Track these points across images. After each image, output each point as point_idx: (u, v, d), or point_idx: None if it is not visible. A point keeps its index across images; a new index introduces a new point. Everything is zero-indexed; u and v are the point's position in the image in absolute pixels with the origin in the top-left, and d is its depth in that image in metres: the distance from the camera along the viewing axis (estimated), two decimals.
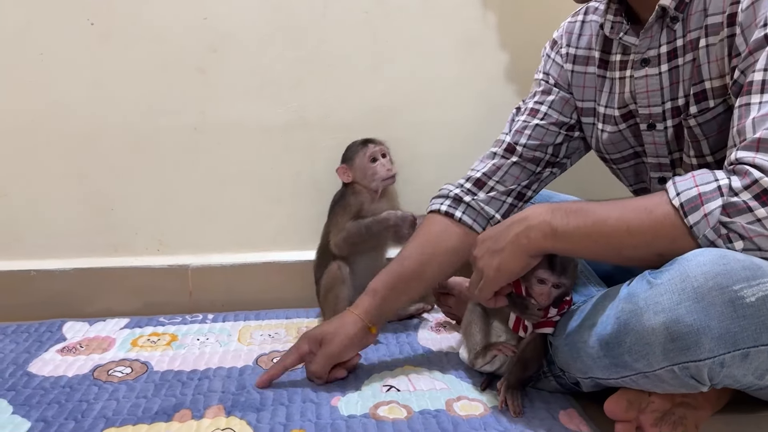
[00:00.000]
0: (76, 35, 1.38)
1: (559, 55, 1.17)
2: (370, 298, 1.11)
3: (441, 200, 1.19)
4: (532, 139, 1.17)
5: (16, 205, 1.45)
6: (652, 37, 0.99)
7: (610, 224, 0.84)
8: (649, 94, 1.01)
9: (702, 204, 0.79)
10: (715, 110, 0.94)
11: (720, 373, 0.78)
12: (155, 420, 0.97)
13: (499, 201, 1.17)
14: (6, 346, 1.26)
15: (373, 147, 1.34)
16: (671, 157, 1.05)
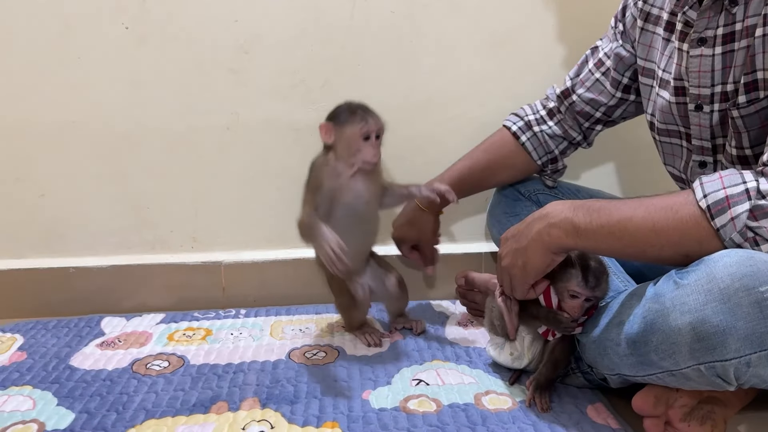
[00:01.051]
0: (112, 39, 1.42)
1: (636, 7, 1.16)
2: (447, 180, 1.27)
3: (515, 119, 1.33)
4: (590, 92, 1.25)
5: (56, 204, 1.49)
6: (710, 18, 0.97)
7: (635, 223, 0.85)
8: (700, 74, 1.00)
9: (729, 207, 0.80)
10: (761, 103, 0.93)
11: (747, 373, 0.78)
12: (193, 412, 1.01)
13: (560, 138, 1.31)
14: (48, 340, 1.30)
15: (373, 124, 1.14)
16: (714, 142, 1.03)
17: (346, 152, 1.14)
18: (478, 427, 0.94)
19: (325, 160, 1.16)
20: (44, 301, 1.48)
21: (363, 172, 1.15)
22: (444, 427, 0.94)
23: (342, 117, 1.14)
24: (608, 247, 0.89)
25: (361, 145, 1.13)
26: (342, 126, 1.14)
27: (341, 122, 1.14)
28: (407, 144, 1.52)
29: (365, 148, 1.14)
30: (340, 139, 1.14)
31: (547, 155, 1.32)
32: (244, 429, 0.95)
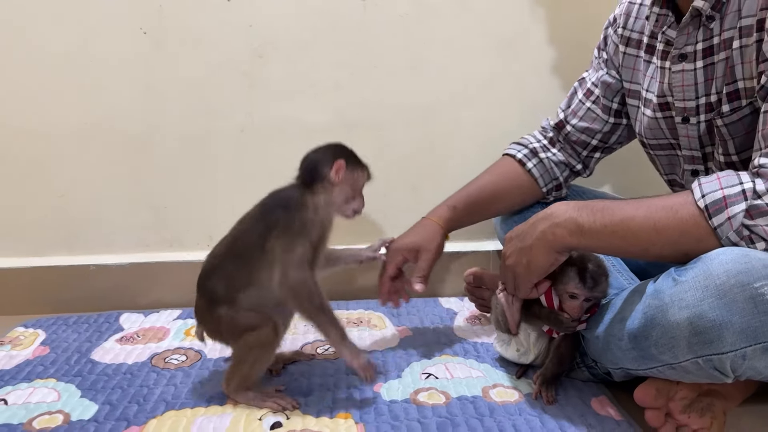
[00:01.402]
0: (130, 43, 1.46)
1: (616, 35, 1.20)
2: (449, 212, 1.23)
3: (519, 148, 1.32)
4: (583, 121, 1.27)
5: (77, 204, 1.53)
6: (689, 34, 1.01)
7: (637, 222, 0.88)
8: (684, 88, 1.04)
9: (726, 207, 0.83)
10: (743, 111, 0.96)
11: (742, 366, 0.81)
12: (211, 403, 1.05)
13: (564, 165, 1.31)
14: (69, 335, 1.35)
15: (369, 175, 1.11)
16: (703, 150, 1.07)
17: (343, 197, 1.07)
18: (486, 418, 0.98)
19: (320, 202, 1.04)
20: (65, 298, 1.52)
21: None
22: (453, 418, 0.98)
23: (352, 159, 1.07)
24: (611, 246, 0.91)
25: (360, 195, 1.10)
26: (353, 169, 1.07)
27: (352, 165, 1.07)
28: (416, 144, 1.56)
29: (360, 198, 1.10)
30: (346, 182, 1.06)
31: (552, 182, 1.32)
32: (260, 419, 0.99)
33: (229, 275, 1.02)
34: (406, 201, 1.57)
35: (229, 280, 1.02)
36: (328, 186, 1.05)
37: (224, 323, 1.03)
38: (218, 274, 1.04)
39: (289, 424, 0.98)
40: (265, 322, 1.01)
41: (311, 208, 1.03)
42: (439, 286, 1.58)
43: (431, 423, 0.97)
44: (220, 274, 1.03)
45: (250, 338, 1.01)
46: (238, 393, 1.03)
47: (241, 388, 1.03)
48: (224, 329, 1.04)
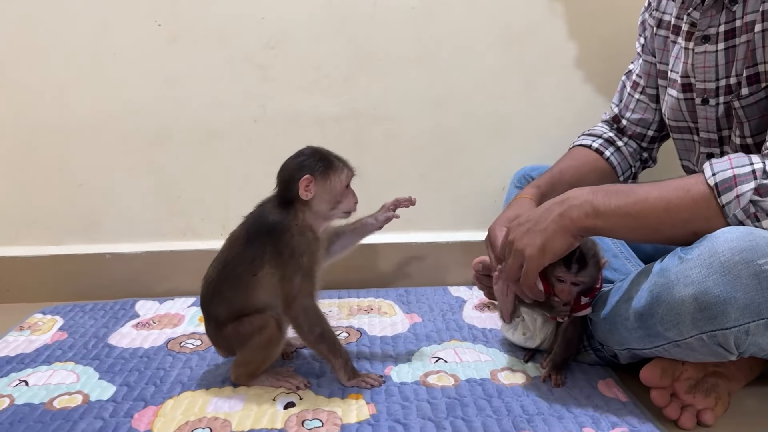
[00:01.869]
0: (145, 36, 1.49)
1: (652, 18, 1.22)
2: (536, 189, 1.20)
3: (593, 138, 1.31)
4: (636, 113, 1.28)
5: (94, 194, 1.56)
6: (712, 16, 1.03)
7: (650, 202, 0.89)
8: (705, 69, 1.05)
9: (736, 185, 0.85)
10: (759, 94, 0.98)
11: (746, 341, 0.83)
12: (226, 384, 1.07)
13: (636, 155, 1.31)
14: (86, 321, 1.38)
15: (351, 172, 1.07)
16: (720, 134, 1.09)
17: (327, 205, 1.04)
18: (494, 399, 1.00)
19: (303, 221, 1.03)
20: (82, 286, 1.55)
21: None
22: (462, 399, 1.00)
23: (321, 168, 1.03)
24: (625, 227, 0.92)
25: (346, 194, 1.06)
26: (325, 177, 1.03)
27: (322, 173, 1.03)
28: (427, 136, 1.58)
29: (348, 197, 1.06)
30: (321, 192, 1.03)
31: (629, 169, 1.31)
32: (274, 400, 1.02)
33: (227, 299, 1.05)
34: (414, 190, 1.58)
35: (229, 303, 1.05)
36: (305, 203, 1.03)
37: (232, 338, 1.06)
38: (217, 298, 1.07)
39: (301, 404, 1.00)
40: (267, 321, 1.03)
41: (296, 231, 1.02)
42: (448, 275, 1.60)
43: (440, 404, 0.99)
44: (219, 298, 1.06)
45: (255, 341, 1.03)
46: (249, 381, 1.07)
47: (251, 377, 1.07)
48: (234, 344, 1.07)
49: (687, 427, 0.93)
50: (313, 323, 1.03)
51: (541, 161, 1.48)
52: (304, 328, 1.03)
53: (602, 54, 1.51)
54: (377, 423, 0.94)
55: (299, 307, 1.02)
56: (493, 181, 1.58)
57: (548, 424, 0.92)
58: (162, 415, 0.98)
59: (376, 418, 0.95)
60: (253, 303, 1.04)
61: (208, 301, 1.08)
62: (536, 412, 0.96)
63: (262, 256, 1.02)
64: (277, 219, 1.03)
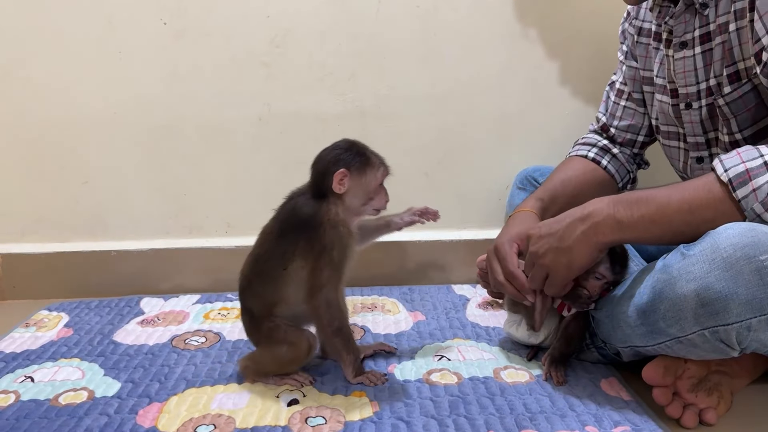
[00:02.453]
0: (151, 34, 1.49)
1: (632, 26, 1.23)
2: (537, 203, 1.21)
3: (588, 148, 1.31)
4: (624, 120, 1.28)
5: (99, 191, 1.57)
6: (687, 22, 1.04)
7: (673, 207, 0.89)
8: (685, 74, 1.07)
9: (750, 179, 0.85)
10: (743, 88, 0.99)
11: (747, 337, 0.83)
12: (230, 382, 1.08)
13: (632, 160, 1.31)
14: (91, 318, 1.39)
15: (386, 170, 1.06)
16: (706, 136, 1.10)
17: (359, 201, 1.04)
18: (497, 397, 1.00)
19: (336, 215, 1.02)
20: (87, 283, 1.56)
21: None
22: (465, 397, 1.00)
23: (357, 163, 1.02)
24: (651, 234, 0.92)
25: (379, 192, 1.05)
26: (360, 173, 1.02)
27: (358, 169, 1.02)
28: (431, 133, 1.58)
29: (380, 195, 1.06)
30: (355, 187, 1.02)
31: (628, 175, 1.31)
32: (278, 397, 1.02)
33: (259, 293, 1.06)
34: (418, 188, 1.59)
35: (260, 297, 1.06)
36: (338, 196, 1.02)
37: (264, 336, 1.07)
38: (250, 292, 1.08)
39: (305, 401, 1.01)
40: (301, 340, 1.04)
41: (329, 225, 1.01)
42: (451, 274, 1.61)
43: (443, 401, 0.99)
44: (251, 292, 1.07)
45: (282, 351, 1.04)
46: (255, 377, 1.08)
47: (258, 375, 1.08)
48: (262, 341, 1.08)
49: (689, 426, 0.93)
50: (334, 317, 1.03)
51: (545, 161, 1.48)
52: (324, 320, 1.03)
53: (606, 52, 1.50)
54: (380, 420, 0.94)
55: (323, 299, 1.01)
56: (497, 180, 1.58)
57: (551, 422, 0.93)
58: (166, 412, 0.98)
59: (379, 416, 0.96)
60: (283, 297, 1.04)
61: (242, 292, 1.09)
62: (539, 410, 0.96)
63: (293, 250, 1.02)
64: (310, 212, 1.02)
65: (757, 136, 1.01)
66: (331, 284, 1.02)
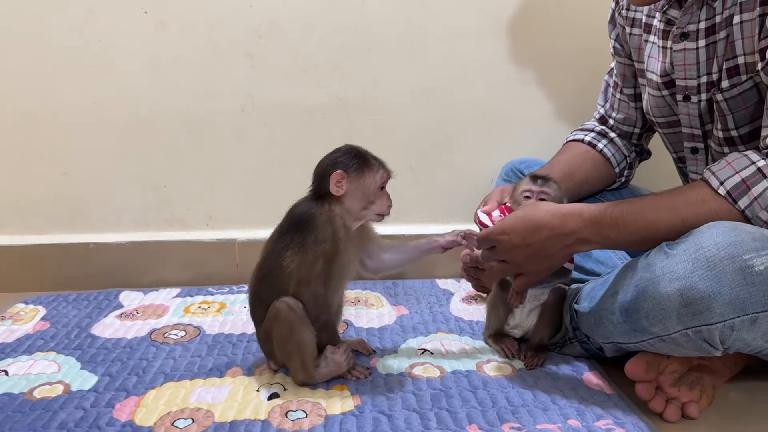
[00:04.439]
0: (132, 24, 1.47)
1: (621, 17, 1.22)
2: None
3: (585, 132, 1.31)
4: (620, 113, 1.28)
5: (78, 182, 1.54)
6: (693, 13, 1.03)
7: (663, 223, 0.90)
8: (686, 67, 1.05)
9: (749, 188, 0.86)
10: (743, 86, 0.98)
11: (731, 337, 0.83)
12: (210, 375, 1.06)
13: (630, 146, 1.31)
14: (69, 312, 1.37)
15: (388, 171, 1.04)
16: (704, 128, 1.09)
17: (359, 204, 1.02)
18: (479, 391, 0.99)
19: (332, 214, 1.01)
20: (65, 276, 1.54)
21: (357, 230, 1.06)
22: (447, 391, 1.00)
23: (355, 165, 1.01)
24: (638, 247, 0.94)
25: (377, 195, 1.03)
26: (358, 175, 1.01)
27: (356, 171, 1.01)
28: (416, 127, 1.57)
29: (381, 199, 1.03)
30: (353, 190, 1.01)
31: (624, 160, 1.30)
32: (258, 390, 1.01)
33: (264, 300, 1.03)
34: (404, 181, 1.57)
35: (266, 304, 1.03)
36: (338, 199, 1.01)
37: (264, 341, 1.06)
38: (256, 302, 1.06)
39: (286, 395, 0.99)
40: (277, 307, 1.00)
41: (323, 219, 1.00)
42: (436, 268, 1.60)
43: (425, 395, 0.98)
44: (258, 302, 1.05)
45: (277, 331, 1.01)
46: (309, 377, 1.02)
47: (310, 376, 1.02)
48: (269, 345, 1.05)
49: (672, 420, 0.92)
50: (320, 311, 1.01)
51: (531, 154, 1.48)
52: (312, 314, 1.01)
53: (593, 46, 1.50)
54: (362, 414, 0.93)
55: (309, 293, 1.00)
56: (482, 173, 1.57)
57: (533, 415, 0.92)
58: (144, 406, 0.97)
59: (361, 410, 0.95)
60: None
61: (251, 307, 1.08)
62: (521, 403, 0.96)
63: (288, 246, 1.01)
64: (307, 210, 1.01)
65: (753, 134, 1.00)
66: (320, 280, 1.00)
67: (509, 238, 0.97)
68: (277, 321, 1.00)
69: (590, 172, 1.27)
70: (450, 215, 1.60)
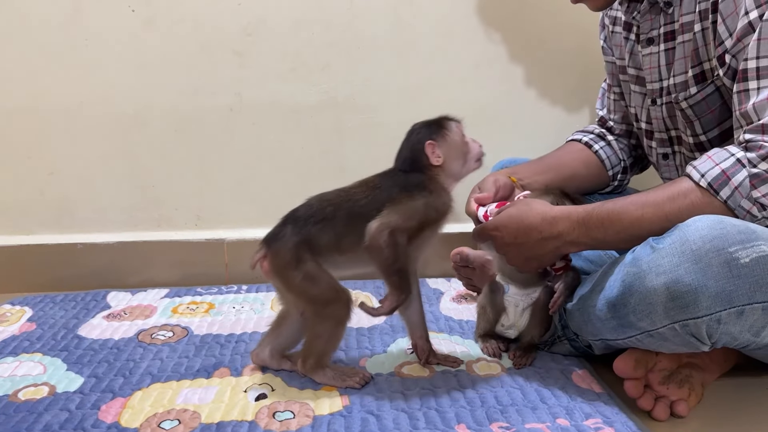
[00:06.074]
0: (119, 21, 1.46)
1: (607, 17, 1.23)
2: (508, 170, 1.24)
3: (584, 133, 1.32)
4: (617, 113, 1.29)
5: (65, 182, 1.53)
6: (653, 20, 1.06)
7: (647, 219, 0.91)
8: (651, 70, 1.08)
9: (729, 179, 0.86)
10: (706, 90, 1.00)
11: (718, 330, 0.83)
12: (197, 376, 1.05)
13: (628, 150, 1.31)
14: (56, 312, 1.35)
15: (458, 121, 1.07)
16: (669, 133, 1.11)
17: (457, 163, 1.03)
18: (468, 390, 0.99)
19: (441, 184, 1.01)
20: (52, 276, 1.53)
21: None
22: (435, 390, 0.99)
23: (436, 130, 1.03)
24: (625, 245, 0.95)
25: (469, 144, 1.05)
26: (445, 137, 1.03)
27: (442, 134, 1.03)
28: (405, 126, 1.53)
29: (472, 145, 1.06)
30: (450, 151, 1.02)
31: (620, 164, 1.30)
32: (246, 391, 1.00)
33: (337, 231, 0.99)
34: None
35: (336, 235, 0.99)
36: (438, 169, 1.01)
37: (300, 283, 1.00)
38: (324, 224, 1.00)
39: (273, 395, 0.98)
40: (339, 296, 0.99)
41: (437, 189, 1.00)
42: (426, 267, 1.59)
43: (414, 395, 0.98)
44: (327, 225, 1.00)
45: (326, 311, 0.99)
46: (316, 372, 1.01)
47: (319, 366, 1.01)
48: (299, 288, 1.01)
49: (661, 418, 0.92)
50: (399, 257, 0.96)
51: (521, 154, 1.47)
52: (387, 254, 0.95)
53: (582, 46, 1.50)
54: (350, 414, 0.93)
55: (394, 238, 0.95)
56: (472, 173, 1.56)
57: (522, 414, 0.92)
58: (130, 407, 0.96)
59: (349, 410, 0.94)
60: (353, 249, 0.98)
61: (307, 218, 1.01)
62: (510, 402, 0.95)
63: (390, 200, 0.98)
64: (420, 179, 1.00)
65: (722, 137, 1.02)
66: (405, 233, 0.96)
67: (501, 235, 1.00)
68: (338, 303, 0.98)
69: (579, 169, 1.27)
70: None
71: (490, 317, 1.13)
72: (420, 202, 0.98)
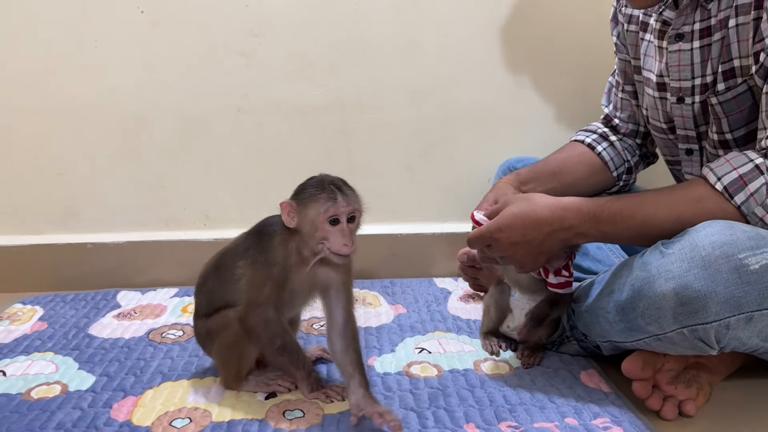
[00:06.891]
0: (127, 23, 1.46)
1: (621, 14, 1.21)
2: (515, 176, 1.23)
3: (587, 134, 1.30)
4: (624, 111, 1.27)
5: (74, 182, 1.54)
6: (688, 15, 1.02)
7: (660, 218, 0.90)
8: (680, 68, 1.05)
9: (746, 184, 0.86)
10: (737, 89, 0.98)
11: (726, 336, 0.83)
12: (207, 375, 1.06)
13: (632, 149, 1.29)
14: (66, 312, 1.36)
15: (343, 204, 0.90)
16: (698, 130, 1.09)
17: (308, 238, 0.92)
18: (477, 389, 1.00)
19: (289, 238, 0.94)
20: (62, 276, 1.53)
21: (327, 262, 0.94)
22: (444, 390, 1.00)
23: (306, 194, 0.92)
24: (636, 242, 0.96)
25: (327, 231, 0.90)
26: (305, 206, 0.91)
27: (304, 201, 0.91)
28: (412, 126, 1.57)
29: (333, 236, 0.90)
30: (303, 223, 0.91)
31: (624, 165, 1.28)
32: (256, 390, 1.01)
33: (209, 290, 1.03)
34: (400, 180, 1.58)
35: (209, 295, 1.03)
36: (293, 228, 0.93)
37: (204, 336, 1.04)
38: (202, 289, 1.05)
39: (283, 394, 0.99)
40: (230, 321, 0.97)
41: (276, 244, 0.94)
42: (433, 266, 1.60)
43: (423, 394, 0.99)
44: (204, 288, 1.04)
45: (222, 339, 0.99)
46: (237, 384, 1.01)
47: (238, 380, 1.01)
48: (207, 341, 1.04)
49: (669, 418, 0.93)
50: (275, 334, 0.95)
51: (527, 153, 1.48)
52: (263, 338, 0.95)
53: (589, 45, 1.50)
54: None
55: (259, 317, 0.94)
56: (478, 172, 1.57)
57: (530, 414, 0.92)
58: (141, 406, 0.97)
59: None
60: (228, 300, 0.99)
61: (197, 288, 1.06)
62: (518, 402, 0.96)
63: (245, 254, 0.97)
64: (271, 224, 0.97)
65: (748, 137, 1.00)
66: (271, 301, 0.94)
67: (507, 235, 0.95)
68: (226, 330, 0.98)
69: (583, 175, 1.26)
70: (447, 214, 1.60)
71: (495, 317, 1.14)
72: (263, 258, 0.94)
